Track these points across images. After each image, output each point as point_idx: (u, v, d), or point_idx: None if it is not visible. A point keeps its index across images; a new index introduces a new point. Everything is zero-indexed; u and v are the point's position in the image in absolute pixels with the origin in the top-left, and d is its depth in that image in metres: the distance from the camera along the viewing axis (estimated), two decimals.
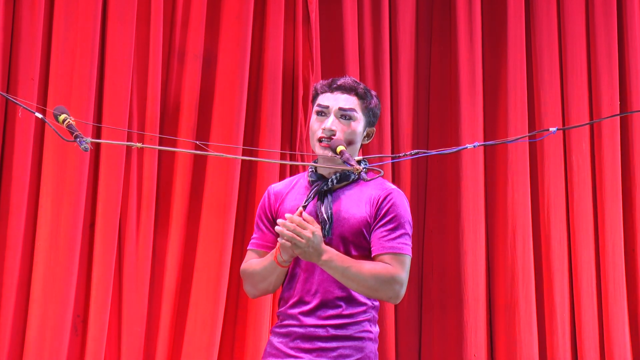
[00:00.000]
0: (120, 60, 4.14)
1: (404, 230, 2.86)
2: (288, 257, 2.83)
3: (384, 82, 4.66)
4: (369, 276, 2.78)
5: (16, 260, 3.94)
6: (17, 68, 3.99)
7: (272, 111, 4.39)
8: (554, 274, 4.70)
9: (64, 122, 2.66)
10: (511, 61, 4.80)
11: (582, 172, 4.79)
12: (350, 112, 2.91)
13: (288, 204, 2.94)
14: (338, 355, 2.82)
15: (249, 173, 4.39)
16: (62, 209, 3.99)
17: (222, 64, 4.36)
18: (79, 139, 2.58)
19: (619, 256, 4.73)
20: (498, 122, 4.80)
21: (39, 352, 3.91)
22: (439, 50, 4.84)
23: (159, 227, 4.22)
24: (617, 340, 4.69)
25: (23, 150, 3.97)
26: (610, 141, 4.80)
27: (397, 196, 2.89)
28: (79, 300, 4.04)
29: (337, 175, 2.90)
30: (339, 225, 2.86)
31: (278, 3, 4.45)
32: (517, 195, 4.73)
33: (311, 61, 4.50)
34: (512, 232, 4.70)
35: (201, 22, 4.33)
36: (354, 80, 2.96)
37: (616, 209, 4.76)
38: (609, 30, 4.86)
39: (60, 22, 4.07)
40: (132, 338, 4.09)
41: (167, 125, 4.27)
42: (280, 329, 2.91)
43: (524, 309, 4.64)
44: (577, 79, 4.85)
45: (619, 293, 4.71)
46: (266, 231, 2.98)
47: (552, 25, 4.88)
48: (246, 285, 2.98)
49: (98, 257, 4.05)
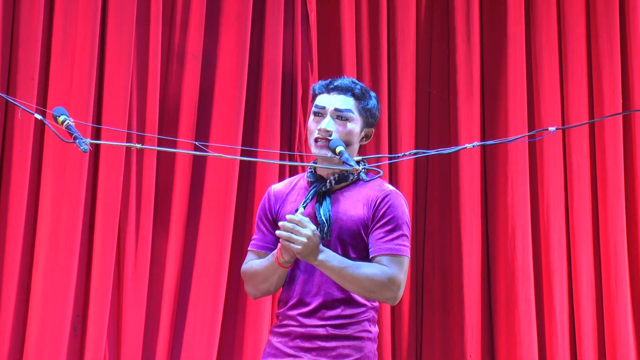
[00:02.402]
0: (120, 61, 4.14)
1: (402, 231, 2.84)
2: (289, 257, 2.82)
3: (382, 82, 4.67)
4: (365, 278, 2.77)
5: (16, 261, 3.94)
6: (17, 68, 4.00)
7: (271, 112, 4.40)
8: (553, 273, 4.70)
9: (64, 123, 2.66)
10: (511, 61, 4.80)
11: (581, 172, 4.79)
12: (346, 113, 2.90)
13: (288, 205, 2.94)
14: (337, 354, 2.82)
15: (248, 173, 4.39)
16: (62, 210, 4.00)
17: (222, 65, 4.36)
18: (78, 140, 2.58)
19: (621, 255, 4.73)
20: (498, 122, 4.81)
21: (39, 352, 3.92)
22: (437, 50, 4.85)
23: (159, 228, 4.23)
24: (620, 340, 4.68)
25: (23, 151, 3.97)
26: (612, 140, 4.79)
27: (395, 197, 2.88)
28: (79, 301, 4.04)
29: (336, 177, 2.90)
30: (337, 227, 2.85)
31: (277, 4, 4.46)
32: (517, 195, 4.73)
33: (310, 61, 4.50)
34: (512, 232, 4.70)
35: (200, 23, 4.34)
36: (352, 81, 2.94)
37: (619, 208, 4.76)
38: (610, 29, 4.85)
39: (60, 22, 4.08)
40: (131, 338, 4.10)
41: (166, 126, 4.27)
42: (279, 329, 2.91)
43: (524, 309, 4.64)
44: (576, 79, 4.85)
45: (621, 292, 4.71)
46: (266, 232, 2.97)
47: (552, 25, 4.88)
48: (247, 286, 2.98)
49: (98, 257, 4.05)
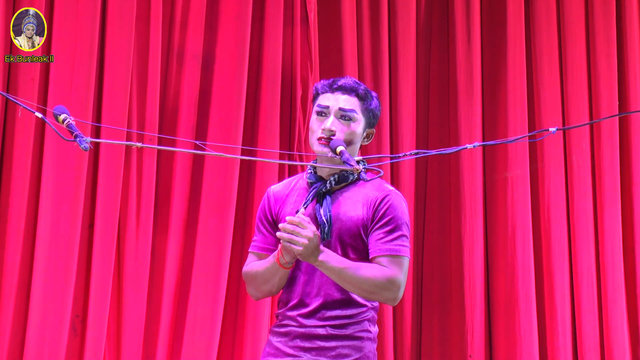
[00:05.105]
0: (120, 61, 4.14)
1: (402, 232, 2.84)
2: (290, 258, 2.82)
3: (382, 82, 4.66)
4: (365, 279, 2.77)
5: (16, 260, 3.94)
6: (17, 68, 3.99)
7: (270, 111, 4.40)
8: (554, 273, 4.70)
9: (64, 121, 2.66)
10: (511, 61, 4.80)
11: (582, 172, 4.79)
12: (350, 112, 2.90)
13: (288, 206, 2.93)
14: (337, 354, 2.82)
15: (248, 173, 4.39)
16: (62, 209, 3.99)
17: (221, 64, 4.36)
18: (78, 138, 2.58)
19: (617, 256, 4.74)
20: (498, 122, 4.81)
21: (39, 352, 3.91)
22: (438, 50, 4.85)
23: (158, 227, 4.22)
24: (617, 340, 4.69)
25: (23, 150, 3.97)
26: (609, 141, 4.80)
27: (395, 198, 2.88)
28: (78, 300, 4.04)
29: (336, 177, 2.90)
30: (336, 228, 2.85)
31: (277, 3, 4.45)
32: (517, 194, 4.73)
33: (310, 61, 4.50)
34: (512, 232, 4.70)
35: (200, 22, 4.34)
36: (355, 81, 2.95)
37: (615, 209, 4.77)
38: (608, 31, 4.87)
39: (60, 22, 4.07)
40: (131, 338, 4.09)
41: (166, 125, 4.27)
42: (279, 329, 2.91)
43: (524, 309, 4.64)
44: (576, 79, 4.85)
45: (618, 292, 4.71)
46: (267, 234, 2.97)
47: (552, 25, 4.88)
48: (249, 288, 2.97)
49: (97, 257, 4.05)
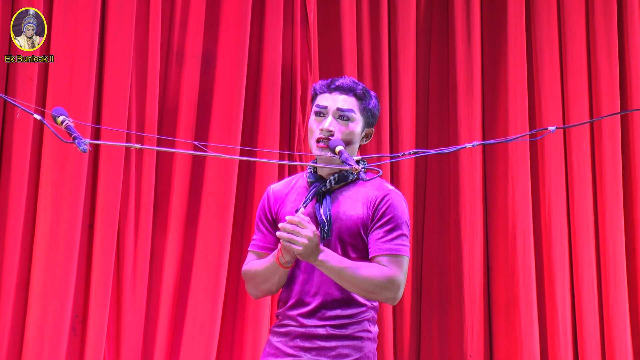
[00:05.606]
0: (119, 61, 4.14)
1: (402, 231, 2.84)
2: (290, 258, 2.82)
3: (382, 82, 4.66)
4: (365, 278, 2.77)
5: (15, 261, 3.94)
6: (16, 68, 3.99)
7: (270, 111, 4.40)
8: (554, 273, 4.70)
9: (63, 123, 2.66)
10: (511, 61, 4.80)
11: (582, 171, 4.79)
12: (349, 112, 2.90)
13: (288, 205, 2.93)
14: (337, 354, 2.82)
15: (248, 173, 4.39)
16: (61, 210, 3.99)
17: (221, 65, 4.36)
18: (77, 140, 2.58)
19: (620, 255, 4.74)
20: (498, 121, 4.81)
21: (38, 352, 3.92)
22: (437, 50, 4.85)
23: (158, 228, 4.23)
24: (618, 340, 4.68)
25: (22, 152, 3.97)
26: (610, 140, 4.80)
27: (395, 197, 2.88)
28: (78, 301, 4.04)
29: (336, 176, 2.90)
30: (336, 227, 2.85)
31: (276, 3, 4.45)
32: (518, 194, 4.73)
33: (309, 61, 4.50)
34: (513, 231, 4.70)
35: (200, 22, 4.34)
36: (353, 81, 2.95)
37: (617, 208, 4.77)
38: (609, 29, 4.86)
39: (59, 22, 4.07)
40: (130, 338, 4.09)
41: (165, 126, 4.27)
42: (279, 329, 2.91)
43: (525, 308, 4.64)
44: (577, 78, 4.85)
45: (620, 292, 4.71)
46: (266, 232, 2.97)
47: (552, 24, 4.88)
48: (248, 287, 2.97)
49: (97, 257, 4.05)
